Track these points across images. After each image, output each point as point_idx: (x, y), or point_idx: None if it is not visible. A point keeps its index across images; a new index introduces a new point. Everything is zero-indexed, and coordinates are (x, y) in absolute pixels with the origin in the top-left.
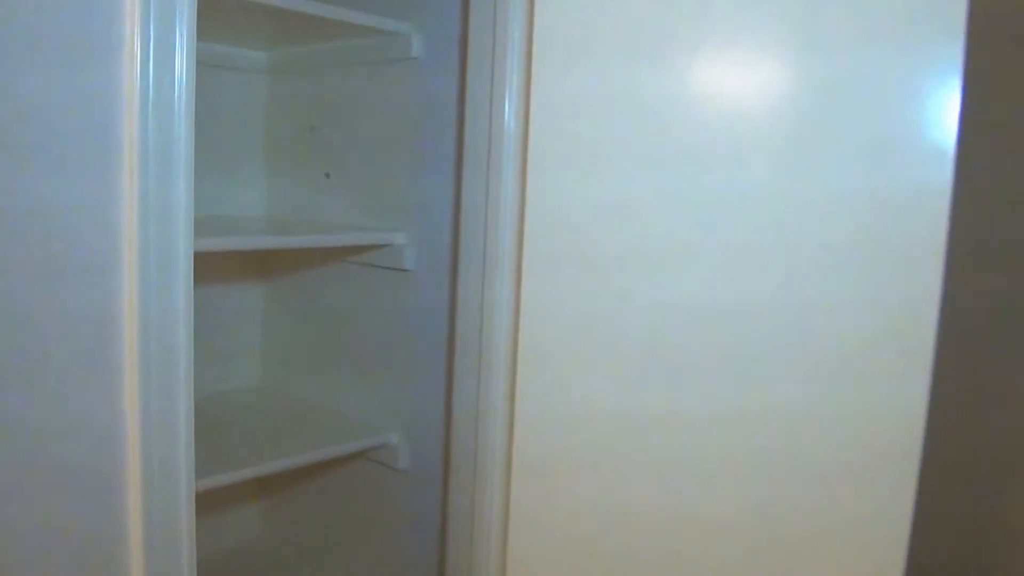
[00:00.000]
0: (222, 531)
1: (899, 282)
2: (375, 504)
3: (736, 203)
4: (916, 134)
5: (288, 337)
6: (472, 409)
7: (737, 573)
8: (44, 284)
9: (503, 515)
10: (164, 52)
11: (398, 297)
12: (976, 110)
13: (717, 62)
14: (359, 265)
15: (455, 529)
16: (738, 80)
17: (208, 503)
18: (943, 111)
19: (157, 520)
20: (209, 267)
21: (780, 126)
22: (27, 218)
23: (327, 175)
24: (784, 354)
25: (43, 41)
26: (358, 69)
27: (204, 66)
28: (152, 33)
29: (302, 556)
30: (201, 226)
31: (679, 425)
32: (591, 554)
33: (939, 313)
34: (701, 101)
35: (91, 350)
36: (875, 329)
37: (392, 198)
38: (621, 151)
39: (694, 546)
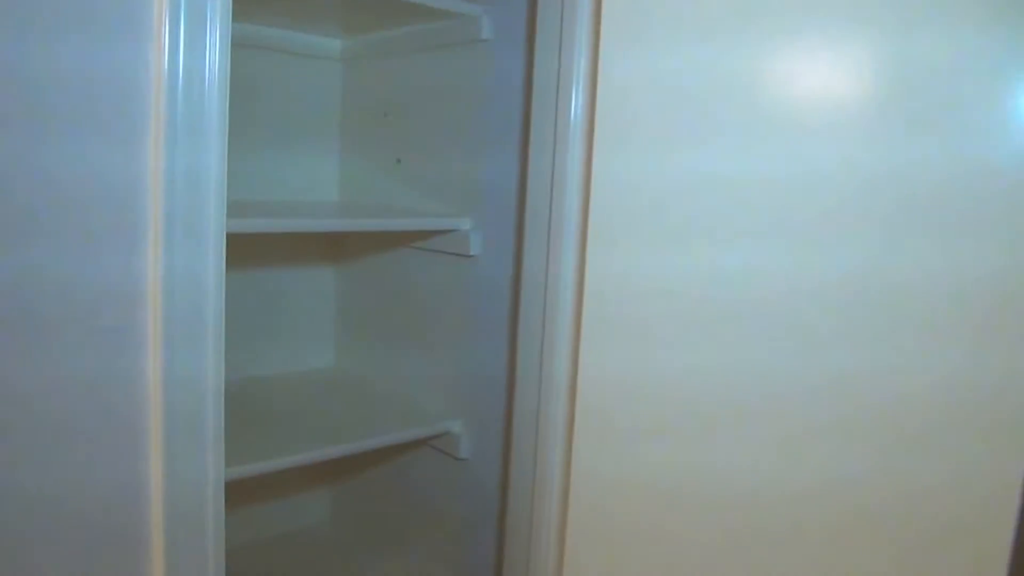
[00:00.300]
0: (295, 512)
1: (986, 251)
2: (436, 492)
3: (811, 179)
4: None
5: (360, 321)
6: (534, 392)
7: (817, 546)
8: (69, 253)
9: (563, 501)
10: (195, 27)
11: (462, 283)
12: None
13: (793, 37)
14: (425, 251)
15: (514, 517)
16: (814, 56)
17: (280, 484)
18: None
19: (179, 507)
20: (282, 250)
21: (859, 103)
22: (51, 187)
23: (398, 160)
24: (873, 324)
25: (71, 13)
26: (429, 53)
27: (280, 53)
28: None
29: (367, 541)
30: (269, 209)
31: (753, 390)
32: (654, 536)
33: None
34: (773, 78)
35: (114, 325)
36: (973, 293)
37: (459, 184)
38: (689, 129)
39: (773, 518)
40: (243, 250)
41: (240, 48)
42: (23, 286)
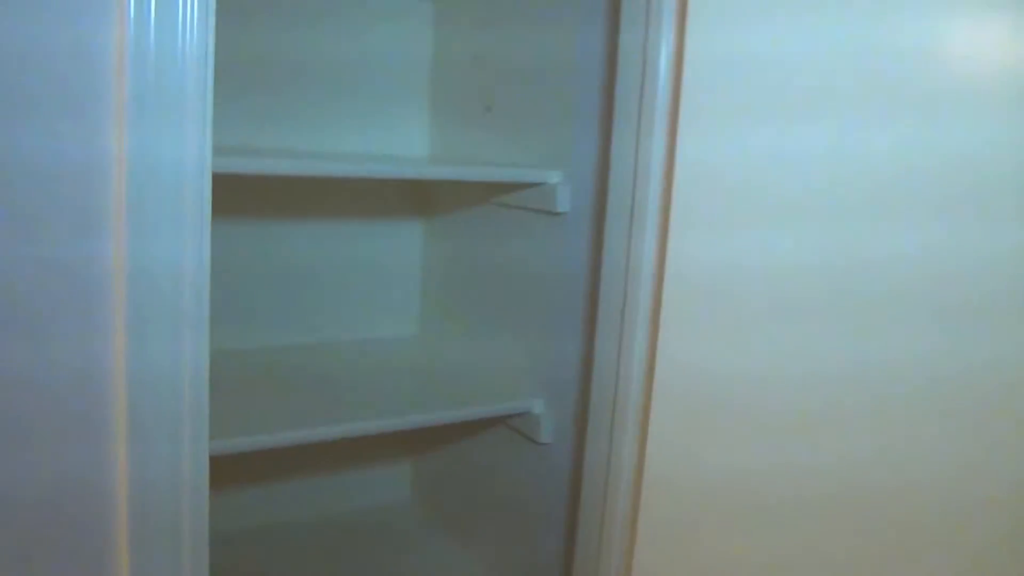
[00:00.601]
0: (374, 487)
1: None
2: (513, 476)
3: (915, 159)
4: None
5: (445, 284)
6: (611, 378)
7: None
8: (23, 233)
9: (635, 495)
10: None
11: (549, 246)
12: None
13: (883, 12)
14: (513, 208)
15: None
16: (917, 30)
17: (358, 457)
18: None
19: (149, 479)
20: (369, 201)
21: (969, 79)
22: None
23: (488, 108)
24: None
25: None
26: None
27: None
28: None
29: (444, 520)
30: (346, 158)
31: (828, 377)
32: (728, 534)
33: None
34: (859, 53)
35: (77, 306)
36: None
37: (549, 136)
38: (777, 105)
39: (861, 519)
40: (323, 200)
41: None
42: None
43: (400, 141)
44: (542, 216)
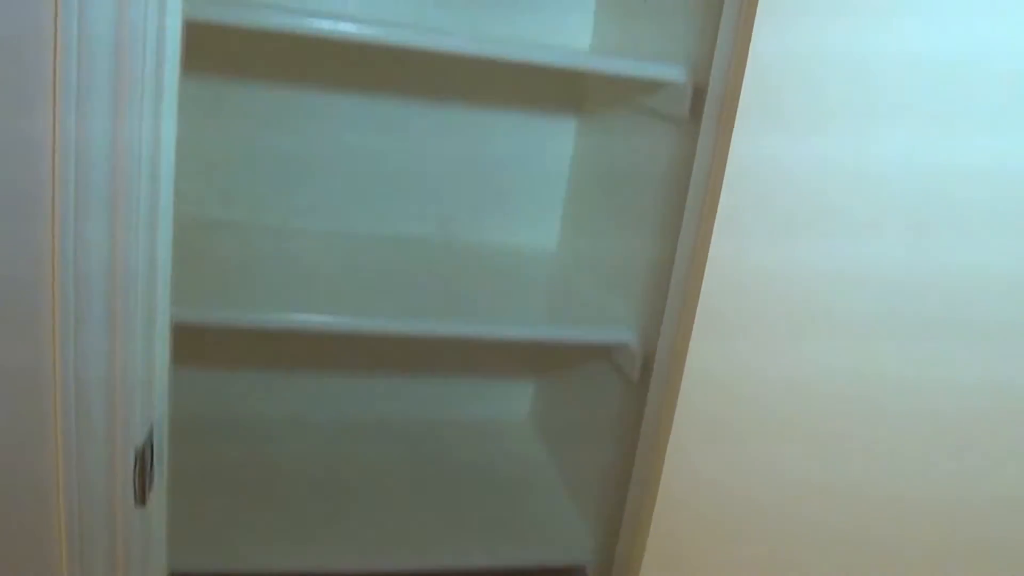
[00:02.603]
0: (499, 401)
1: None
2: (609, 408)
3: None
4: None
5: (588, 194)
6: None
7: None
8: None
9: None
10: None
11: (672, 157)
12: None
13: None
14: (644, 113)
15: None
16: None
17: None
18: None
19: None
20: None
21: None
22: None
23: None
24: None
25: None
26: None
27: None
28: None
29: (557, 439)
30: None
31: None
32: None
33: None
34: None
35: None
36: None
37: (691, 37)
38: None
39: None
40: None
41: None
42: None
43: (561, 30)
44: (671, 124)
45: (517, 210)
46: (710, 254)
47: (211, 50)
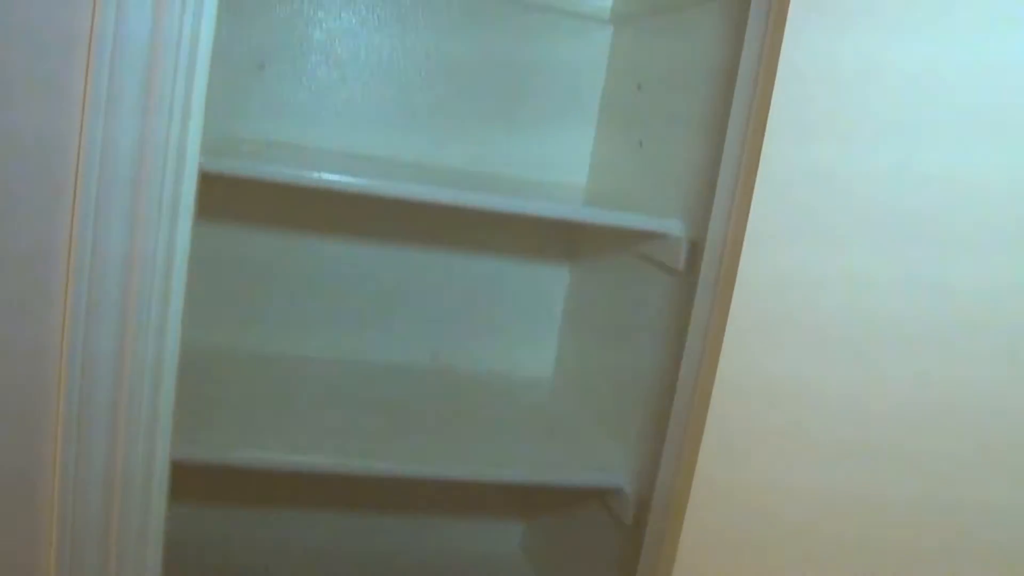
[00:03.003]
0: (488, 538)
1: None
2: (600, 547)
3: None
4: None
5: (583, 329)
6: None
7: None
8: None
9: None
10: None
11: (667, 306)
12: None
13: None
14: (638, 259)
15: None
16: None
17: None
18: None
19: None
20: (514, 237)
21: None
22: None
23: (640, 143)
24: None
25: None
26: (682, 14)
27: (542, 12)
28: None
29: None
30: (494, 184)
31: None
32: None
33: None
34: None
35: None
36: None
37: (686, 180)
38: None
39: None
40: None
41: (506, 4)
42: None
43: (562, 164)
44: (663, 270)
45: (511, 338)
46: (710, 411)
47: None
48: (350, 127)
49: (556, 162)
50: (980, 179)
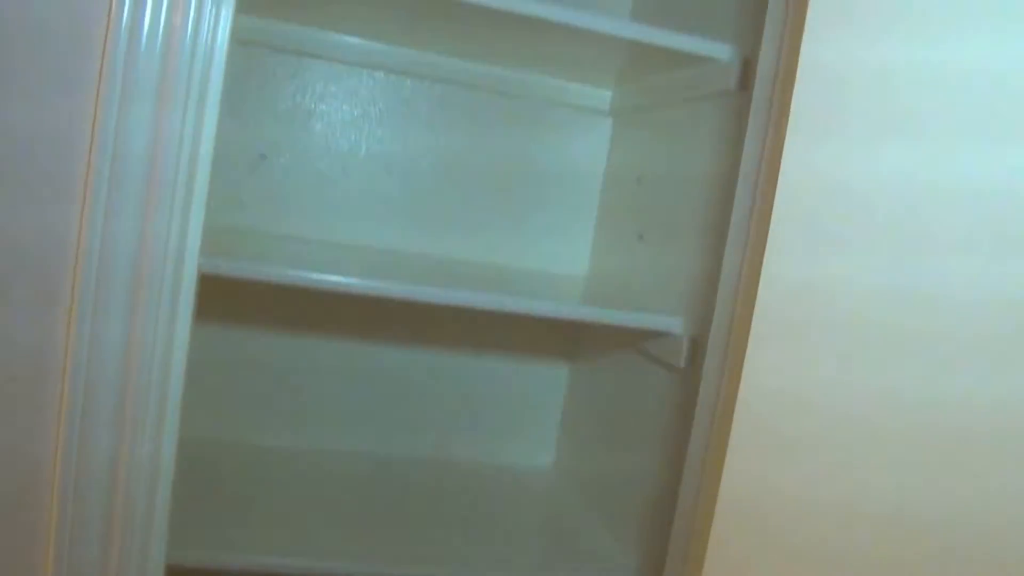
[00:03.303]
0: None
1: None
2: None
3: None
4: None
5: (584, 422)
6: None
7: None
8: None
9: None
10: None
11: (668, 403)
12: None
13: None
14: (638, 355)
15: None
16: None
17: None
18: None
19: None
20: (514, 332)
21: None
22: None
23: (640, 237)
24: None
25: None
26: (685, 108)
27: (547, 104)
28: None
29: None
30: (494, 277)
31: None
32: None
33: None
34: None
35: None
36: None
37: (687, 277)
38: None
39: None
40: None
41: (505, 97)
42: None
43: (562, 257)
44: (664, 367)
45: (509, 434)
46: (715, 518)
47: (219, 300)
48: (351, 219)
49: (556, 253)
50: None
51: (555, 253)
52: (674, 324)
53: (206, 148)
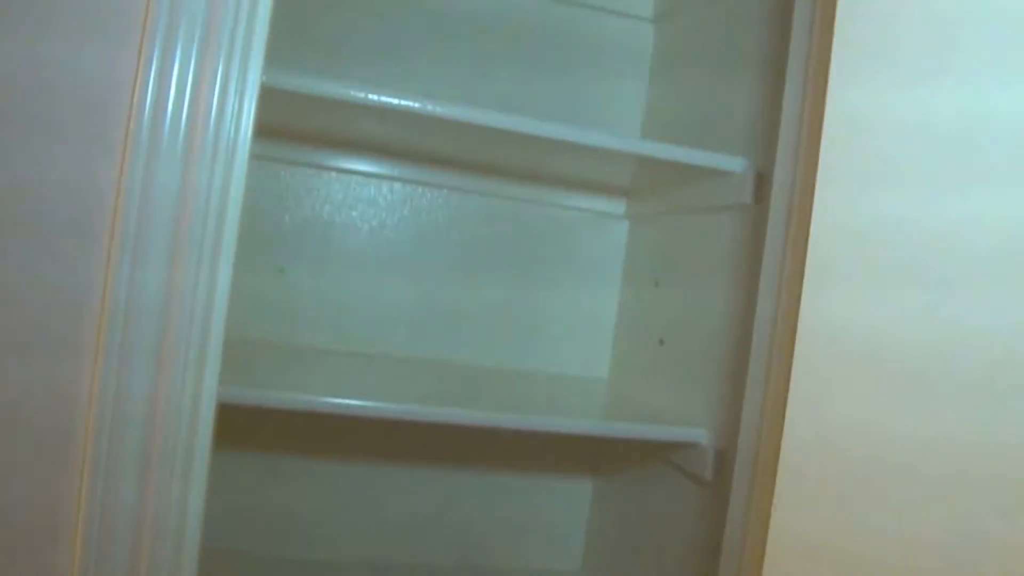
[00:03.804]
0: None
1: None
2: None
3: None
4: None
5: (610, 543)
6: None
7: None
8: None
9: None
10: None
11: (696, 518)
12: None
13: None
14: (664, 466)
15: None
16: None
17: None
18: None
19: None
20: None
21: None
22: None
23: (661, 342)
24: None
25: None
26: (701, 217)
27: (559, 208)
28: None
29: None
30: (516, 387)
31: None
32: None
33: None
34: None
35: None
36: None
37: (714, 386)
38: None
39: None
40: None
41: (519, 203)
42: None
43: (582, 358)
44: (691, 481)
45: (536, 545)
46: None
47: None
48: (371, 328)
49: (576, 357)
50: None
51: (575, 356)
52: (699, 435)
53: (220, 302)
